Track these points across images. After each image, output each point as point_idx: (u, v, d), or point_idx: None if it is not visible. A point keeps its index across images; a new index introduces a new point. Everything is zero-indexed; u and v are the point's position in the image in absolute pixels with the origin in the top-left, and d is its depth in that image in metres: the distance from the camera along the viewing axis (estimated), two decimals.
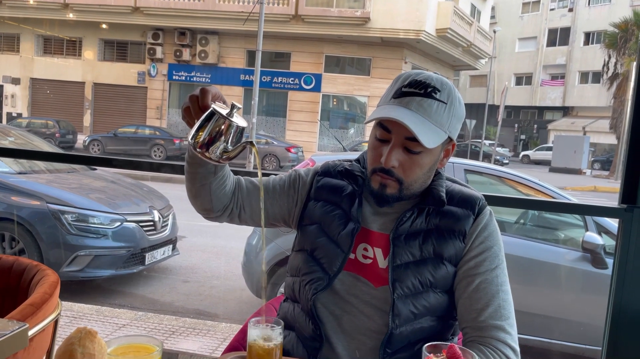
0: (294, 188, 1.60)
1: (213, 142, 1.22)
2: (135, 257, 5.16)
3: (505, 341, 1.37)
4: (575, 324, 4.09)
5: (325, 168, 1.63)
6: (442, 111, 1.39)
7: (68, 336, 0.94)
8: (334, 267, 1.46)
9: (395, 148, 1.39)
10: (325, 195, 1.57)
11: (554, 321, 4.09)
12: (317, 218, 1.55)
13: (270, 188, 1.60)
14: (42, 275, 1.86)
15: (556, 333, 4.10)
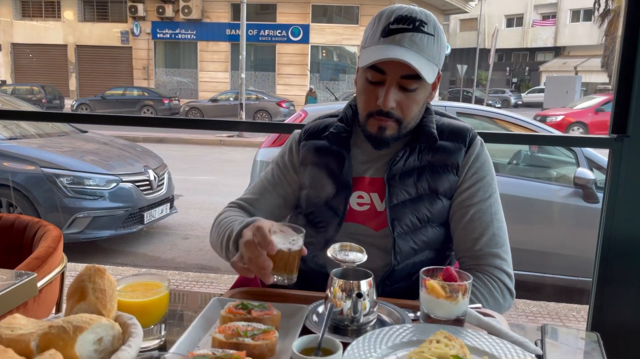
0: (284, 176, 1.59)
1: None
2: (134, 217, 5.20)
3: (501, 267, 1.43)
4: (567, 258, 4.20)
5: (306, 131, 1.61)
6: (432, 44, 1.38)
7: (78, 274, 0.97)
8: (330, 233, 1.49)
9: (391, 88, 1.38)
10: (312, 158, 1.56)
11: (547, 256, 4.21)
12: (310, 183, 1.55)
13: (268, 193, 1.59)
14: (44, 230, 1.89)
15: (549, 267, 4.22)
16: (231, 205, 1.60)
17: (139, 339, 0.91)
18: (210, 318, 1.16)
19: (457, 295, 1.13)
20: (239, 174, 7.35)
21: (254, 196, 1.60)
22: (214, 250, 1.55)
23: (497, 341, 1.07)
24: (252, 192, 1.62)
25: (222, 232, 1.45)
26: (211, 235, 1.55)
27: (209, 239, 1.56)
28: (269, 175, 1.62)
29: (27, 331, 0.85)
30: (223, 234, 1.45)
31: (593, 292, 2.28)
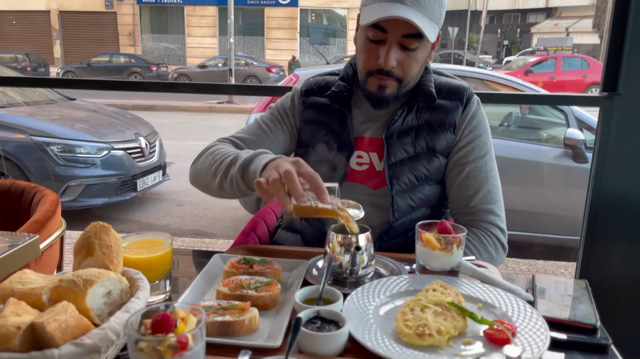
0: (282, 122, 1.57)
1: None
2: (127, 184, 5.19)
3: (495, 223, 1.47)
4: (556, 218, 4.29)
5: (307, 86, 1.60)
6: (434, 2, 1.37)
7: (84, 231, 0.99)
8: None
9: (392, 47, 1.37)
10: (313, 116, 1.56)
11: (537, 216, 4.29)
12: (311, 142, 1.55)
13: (265, 135, 1.53)
14: (41, 195, 1.89)
15: (539, 226, 4.30)
16: (223, 140, 1.51)
17: (146, 292, 0.94)
18: (213, 273, 1.19)
19: (451, 247, 1.16)
20: None
21: (250, 137, 1.52)
22: (195, 180, 1.46)
23: (490, 289, 1.12)
24: (247, 133, 1.54)
25: (220, 159, 1.35)
26: (197, 164, 1.45)
27: (192, 170, 1.47)
28: (266, 120, 1.56)
29: (38, 285, 0.87)
30: (220, 160, 1.34)
31: (581, 248, 2.34)
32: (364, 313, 1.02)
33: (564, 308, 1.06)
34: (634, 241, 2.23)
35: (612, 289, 2.25)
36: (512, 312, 1.02)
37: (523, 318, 1.00)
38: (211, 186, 1.38)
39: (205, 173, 1.39)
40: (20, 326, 0.77)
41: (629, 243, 2.24)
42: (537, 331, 0.95)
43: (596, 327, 0.99)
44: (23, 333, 0.77)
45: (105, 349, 0.81)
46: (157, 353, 0.74)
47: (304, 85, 1.61)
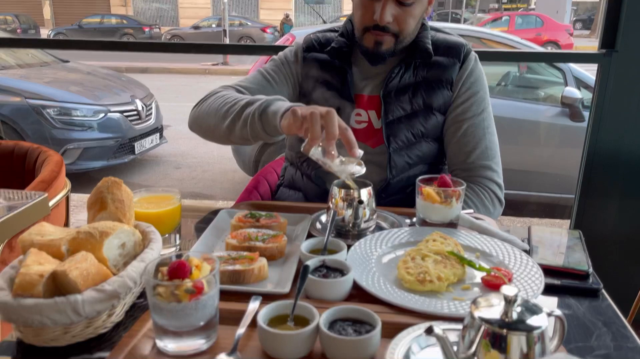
0: (285, 74, 1.57)
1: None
2: (125, 147, 5.19)
3: (492, 178, 1.50)
4: (552, 177, 4.34)
5: (308, 42, 1.60)
6: None
7: (96, 187, 1.02)
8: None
9: (388, 2, 1.38)
10: (314, 72, 1.56)
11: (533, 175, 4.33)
12: (311, 98, 1.56)
13: (269, 85, 1.53)
14: (45, 156, 1.92)
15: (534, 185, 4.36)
16: (226, 87, 1.51)
17: (159, 244, 0.98)
18: (220, 227, 1.23)
19: (451, 200, 1.20)
20: None
21: (254, 86, 1.51)
22: (196, 123, 1.46)
23: (488, 239, 1.16)
24: (251, 82, 1.53)
25: (231, 102, 1.34)
26: (202, 107, 1.45)
27: (194, 112, 1.47)
28: (269, 69, 1.57)
29: (57, 237, 0.91)
30: (232, 103, 1.34)
31: (575, 203, 2.40)
32: (367, 261, 1.07)
33: (558, 256, 1.10)
34: (627, 197, 2.28)
35: (605, 242, 2.32)
36: (509, 260, 1.07)
37: (519, 265, 1.05)
38: (218, 127, 1.37)
39: (213, 115, 1.39)
40: (43, 274, 0.81)
41: (622, 198, 2.29)
42: (532, 277, 1.00)
43: (588, 273, 1.05)
44: (45, 281, 0.81)
45: (124, 296, 0.86)
46: (175, 297, 0.78)
47: (304, 41, 1.61)
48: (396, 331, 0.84)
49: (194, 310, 0.79)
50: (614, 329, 0.90)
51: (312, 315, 0.83)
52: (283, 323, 0.84)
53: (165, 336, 0.81)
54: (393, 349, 0.80)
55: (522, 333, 0.67)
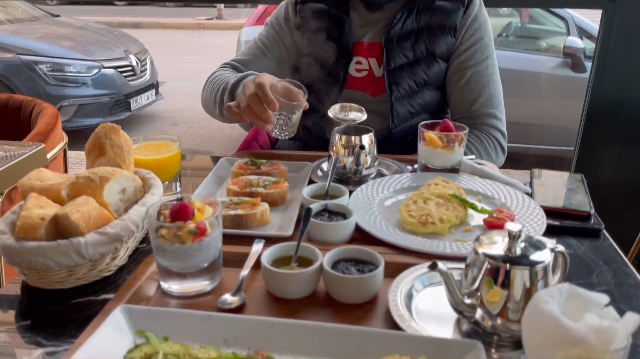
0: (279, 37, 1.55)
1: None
2: (120, 104, 5.12)
3: (496, 126, 1.49)
4: (552, 129, 4.32)
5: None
6: None
7: (93, 132, 1.00)
8: (329, 100, 1.47)
9: None
10: (310, 23, 1.52)
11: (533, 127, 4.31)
12: (309, 51, 1.53)
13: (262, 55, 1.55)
14: (40, 108, 1.89)
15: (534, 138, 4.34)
16: (224, 66, 1.57)
17: (159, 189, 0.97)
18: (221, 175, 1.23)
19: (453, 145, 1.19)
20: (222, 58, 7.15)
21: (248, 58, 1.56)
22: (205, 109, 1.53)
23: (489, 183, 1.16)
24: (245, 54, 1.58)
25: (216, 87, 1.43)
26: (203, 93, 1.52)
27: (201, 98, 1.54)
28: (263, 37, 1.58)
29: (56, 182, 0.90)
30: (217, 88, 1.42)
31: (576, 153, 2.39)
32: (369, 205, 1.07)
33: (560, 198, 1.10)
34: (628, 145, 2.27)
35: (604, 189, 2.32)
36: (511, 202, 1.07)
37: (521, 207, 1.05)
38: (216, 114, 1.47)
39: (209, 102, 1.47)
40: (44, 217, 0.80)
41: (623, 146, 2.28)
42: (534, 218, 1.00)
43: (590, 214, 1.05)
44: (47, 224, 0.81)
45: (126, 239, 0.86)
46: (178, 239, 0.78)
47: None
48: (398, 271, 0.84)
49: (197, 251, 0.79)
50: (615, 267, 0.90)
51: (316, 256, 0.83)
52: (287, 264, 0.84)
53: (169, 277, 0.81)
54: (396, 287, 0.80)
55: (525, 268, 0.67)
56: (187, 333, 0.69)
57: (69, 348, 0.69)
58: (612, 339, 0.50)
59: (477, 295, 0.70)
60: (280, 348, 0.67)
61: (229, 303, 0.79)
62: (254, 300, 0.81)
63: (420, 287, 0.82)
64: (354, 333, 0.68)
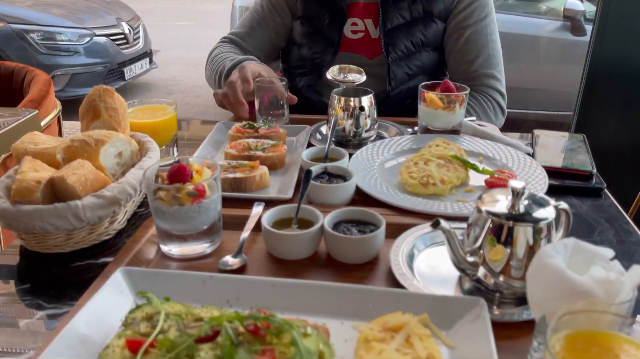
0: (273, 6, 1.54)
1: None
2: (114, 73, 5.04)
3: (495, 87, 1.46)
4: (551, 93, 4.28)
5: None
6: None
7: (87, 95, 0.98)
8: (325, 63, 1.46)
9: None
10: None
11: (532, 92, 4.27)
12: (304, 13, 1.50)
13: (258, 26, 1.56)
14: (32, 75, 1.85)
15: (533, 103, 4.31)
16: (223, 40, 1.59)
17: (156, 153, 0.96)
18: (218, 140, 1.21)
19: (454, 106, 1.17)
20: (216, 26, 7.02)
21: (245, 30, 1.58)
22: (209, 84, 1.57)
23: (491, 144, 1.15)
24: (242, 26, 1.60)
25: (215, 69, 1.48)
26: (206, 70, 1.57)
27: (205, 74, 1.58)
28: (258, 7, 1.58)
29: (51, 145, 0.88)
30: (216, 71, 1.47)
31: (575, 115, 2.37)
32: (369, 168, 1.06)
33: (561, 158, 1.09)
34: (628, 106, 2.25)
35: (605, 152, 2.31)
36: (512, 162, 1.06)
37: (522, 167, 1.04)
38: None
39: (211, 82, 1.54)
40: (40, 180, 0.79)
41: (623, 108, 2.26)
42: (536, 178, 0.99)
43: (592, 173, 1.04)
44: (43, 188, 0.79)
45: (124, 203, 0.85)
46: (177, 201, 0.77)
47: None
48: (400, 231, 0.84)
49: (196, 213, 0.78)
50: (617, 225, 0.90)
51: (316, 217, 0.83)
52: (287, 226, 0.83)
53: (169, 240, 0.81)
54: (397, 247, 0.80)
55: (529, 225, 0.67)
56: (189, 294, 0.68)
57: (70, 310, 0.69)
58: (617, 291, 0.50)
59: (480, 252, 0.70)
60: (282, 307, 0.67)
61: (230, 264, 0.78)
62: (255, 262, 0.80)
63: (422, 247, 0.82)
64: (356, 291, 0.68)
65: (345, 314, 0.67)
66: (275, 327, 0.58)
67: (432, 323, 0.64)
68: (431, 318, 0.65)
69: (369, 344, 0.59)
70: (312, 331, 0.60)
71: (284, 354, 0.56)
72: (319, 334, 0.61)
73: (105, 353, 0.57)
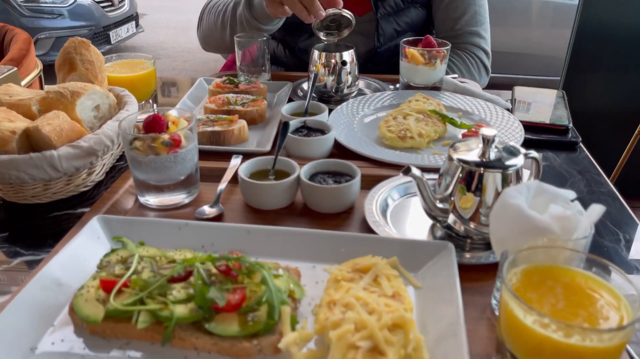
0: None
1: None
2: (99, 36, 4.95)
3: (479, 45, 1.46)
4: (542, 58, 4.26)
5: None
6: None
7: (63, 47, 0.97)
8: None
9: None
10: None
11: (523, 57, 4.25)
12: None
13: None
14: (12, 34, 1.81)
15: (523, 67, 4.29)
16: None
17: (135, 106, 0.95)
18: (198, 95, 1.20)
19: (435, 61, 1.17)
20: None
21: None
22: (207, 41, 1.51)
23: (470, 100, 1.15)
24: None
25: (222, 10, 1.39)
26: (203, 25, 1.49)
27: (200, 33, 1.52)
28: None
29: (26, 97, 0.88)
30: (222, 11, 1.39)
31: (562, 79, 2.37)
32: (349, 122, 1.06)
33: (540, 113, 1.10)
34: (615, 69, 2.26)
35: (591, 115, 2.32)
36: (490, 117, 1.07)
37: (500, 121, 1.05)
38: (224, 40, 1.41)
39: (214, 30, 1.43)
40: (15, 130, 0.79)
41: (610, 71, 2.27)
42: (513, 132, 1.00)
43: (568, 128, 1.05)
44: (18, 138, 0.79)
45: (102, 154, 0.85)
46: (152, 150, 0.77)
47: None
48: (376, 183, 0.85)
49: (172, 163, 0.78)
50: (589, 176, 0.92)
51: (293, 169, 0.83)
52: (264, 177, 0.84)
53: (146, 191, 0.81)
54: (372, 197, 0.81)
55: (498, 171, 0.68)
56: (164, 241, 0.69)
57: (47, 257, 0.70)
58: (574, 227, 0.52)
59: (451, 199, 0.71)
60: (256, 252, 0.68)
61: (206, 213, 0.79)
62: (232, 211, 0.81)
63: (396, 197, 0.83)
64: (328, 236, 0.69)
65: (317, 259, 0.68)
66: (247, 267, 0.59)
67: (402, 265, 0.66)
68: (400, 261, 0.66)
69: (338, 284, 0.60)
70: (284, 272, 0.62)
71: (254, 293, 0.57)
72: (290, 275, 0.63)
73: (80, 293, 0.58)
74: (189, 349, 0.55)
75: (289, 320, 0.56)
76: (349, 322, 0.53)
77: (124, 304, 0.56)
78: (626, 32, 2.20)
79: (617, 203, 0.84)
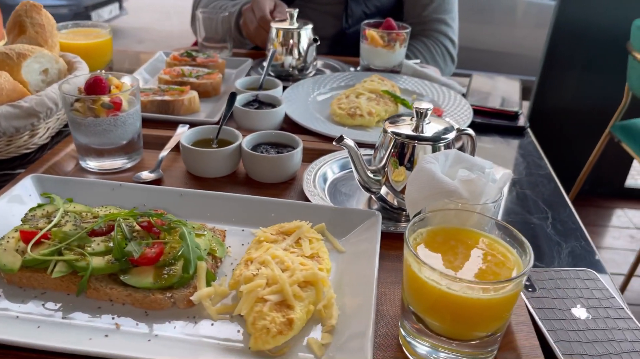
0: None
1: None
2: (80, 16, 4.87)
3: (446, 33, 1.47)
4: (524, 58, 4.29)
5: None
6: None
7: (14, 10, 0.95)
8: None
9: None
10: None
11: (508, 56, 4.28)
12: None
13: None
14: None
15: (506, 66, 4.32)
16: None
17: (85, 72, 0.95)
18: (156, 67, 1.20)
19: (394, 44, 1.18)
20: None
21: None
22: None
23: (427, 84, 1.16)
24: None
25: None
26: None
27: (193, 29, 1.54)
28: None
29: None
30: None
31: (537, 79, 2.40)
32: (303, 99, 1.07)
33: (493, 99, 1.12)
34: (589, 68, 2.29)
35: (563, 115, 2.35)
36: (443, 100, 1.08)
37: (452, 104, 1.06)
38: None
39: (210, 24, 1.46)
40: None
41: (584, 70, 2.30)
42: (462, 115, 1.01)
43: (517, 114, 1.07)
44: None
45: (44, 117, 0.84)
46: (92, 112, 0.77)
47: None
48: (320, 156, 0.86)
49: (113, 127, 0.78)
50: (530, 160, 0.94)
51: (236, 138, 0.84)
52: (207, 145, 0.84)
53: (87, 155, 0.81)
54: (312, 168, 0.82)
55: (429, 144, 0.69)
56: (97, 201, 0.69)
57: None
58: (480, 191, 0.53)
59: (384, 171, 0.72)
60: (187, 214, 0.69)
61: (143, 178, 0.79)
62: (172, 178, 0.82)
63: (337, 170, 0.84)
64: (258, 202, 0.70)
65: (247, 223, 0.69)
66: (168, 224, 0.60)
67: (330, 232, 0.67)
68: (329, 227, 0.68)
69: (260, 244, 0.61)
70: (208, 232, 0.62)
71: (173, 249, 0.58)
72: (215, 235, 0.63)
73: (0, 243, 0.58)
74: (104, 300, 0.56)
75: (204, 275, 0.56)
76: (261, 277, 0.54)
77: (41, 254, 0.56)
78: (601, 33, 2.23)
79: (553, 184, 0.86)
